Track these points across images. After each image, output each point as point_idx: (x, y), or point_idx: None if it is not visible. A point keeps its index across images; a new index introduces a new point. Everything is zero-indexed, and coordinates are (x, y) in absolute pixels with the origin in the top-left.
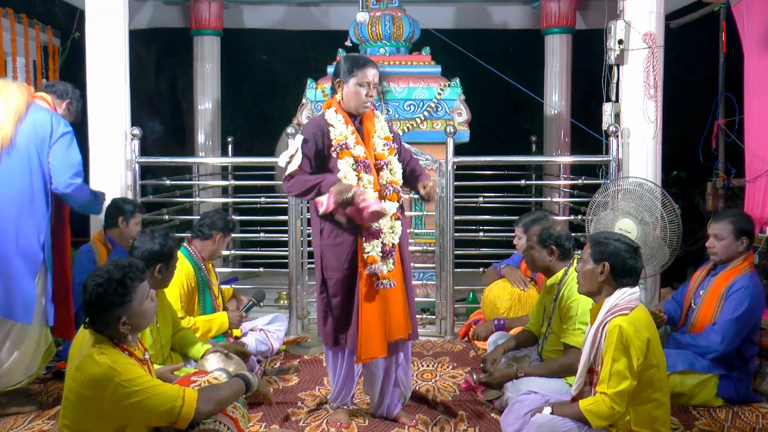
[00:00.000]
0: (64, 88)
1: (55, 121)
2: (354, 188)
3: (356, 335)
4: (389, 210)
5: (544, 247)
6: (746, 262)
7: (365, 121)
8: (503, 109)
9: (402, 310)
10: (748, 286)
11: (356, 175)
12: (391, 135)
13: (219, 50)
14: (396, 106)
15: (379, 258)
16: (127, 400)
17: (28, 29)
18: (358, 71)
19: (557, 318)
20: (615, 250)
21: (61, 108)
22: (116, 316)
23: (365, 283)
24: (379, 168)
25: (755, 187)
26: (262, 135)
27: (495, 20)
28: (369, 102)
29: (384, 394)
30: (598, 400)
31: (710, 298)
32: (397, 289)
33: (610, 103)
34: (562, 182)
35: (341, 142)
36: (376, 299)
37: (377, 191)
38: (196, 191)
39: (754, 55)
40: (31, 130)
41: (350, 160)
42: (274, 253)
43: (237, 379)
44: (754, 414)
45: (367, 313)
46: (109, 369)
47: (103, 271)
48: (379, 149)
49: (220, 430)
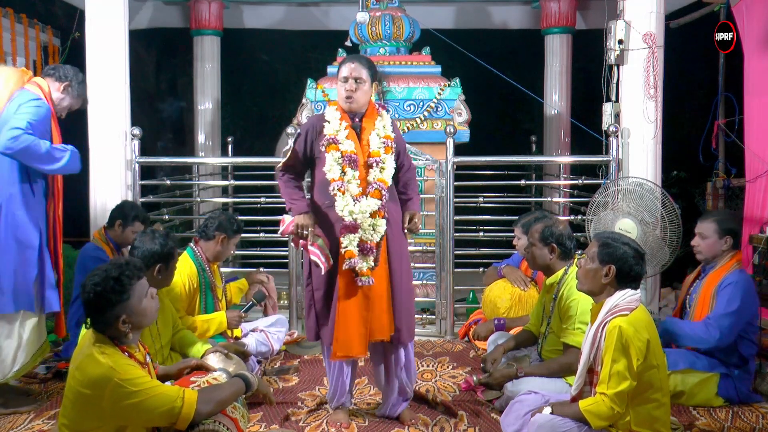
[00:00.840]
0: (63, 72)
1: (25, 98)
2: (311, 230)
3: (332, 330)
4: (325, 267)
5: (546, 244)
6: (733, 260)
7: (365, 119)
8: (503, 109)
9: (385, 311)
10: (738, 280)
11: (341, 169)
12: (392, 135)
13: (219, 50)
14: (396, 106)
15: (356, 253)
16: (126, 400)
17: (28, 29)
18: (340, 69)
19: (557, 317)
20: (623, 255)
21: (58, 90)
22: (115, 315)
23: (344, 279)
24: (369, 165)
25: (755, 187)
26: (262, 135)
27: (495, 20)
28: (353, 96)
29: (387, 392)
30: (598, 401)
31: (702, 299)
32: (380, 289)
33: (610, 103)
34: (562, 182)
35: (331, 137)
36: (357, 296)
37: (361, 187)
38: (196, 191)
39: (754, 55)
40: (10, 112)
41: (337, 154)
42: (274, 253)
43: (237, 379)
44: (754, 414)
45: (344, 308)
46: (108, 369)
47: (100, 271)
48: (374, 147)
49: (220, 430)
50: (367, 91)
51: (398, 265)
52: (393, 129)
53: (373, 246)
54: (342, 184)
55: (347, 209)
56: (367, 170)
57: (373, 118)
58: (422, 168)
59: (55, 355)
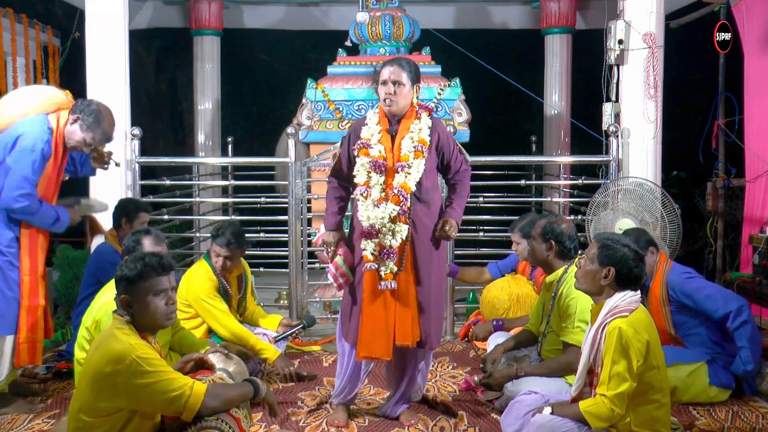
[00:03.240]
0: (77, 105)
1: (26, 131)
2: (332, 248)
3: (357, 330)
4: (337, 285)
5: (545, 240)
6: (662, 263)
7: (403, 121)
8: (503, 109)
9: (410, 317)
10: (688, 276)
11: (367, 174)
12: (428, 139)
13: (219, 50)
14: None
15: (371, 257)
16: (140, 378)
17: (28, 29)
18: (381, 71)
19: (556, 316)
20: (623, 258)
21: (70, 123)
22: (122, 290)
23: (368, 282)
24: (395, 170)
25: (755, 187)
26: (262, 135)
27: (495, 20)
28: (392, 100)
29: (393, 392)
30: (598, 402)
31: (655, 309)
32: (405, 294)
33: (610, 103)
34: (562, 182)
35: (365, 141)
36: (380, 300)
37: (385, 192)
38: (196, 191)
39: (754, 55)
40: (9, 137)
41: (366, 159)
42: (274, 253)
43: (247, 383)
44: (754, 414)
45: (369, 311)
46: (128, 345)
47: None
48: (404, 151)
49: (222, 428)
50: (407, 94)
51: (426, 271)
52: (435, 131)
53: (393, 251)
54: (366, 189)
55: (365, 214)
56: (393, 175)
57: (410, 120)
58: None
59: (57, 354)
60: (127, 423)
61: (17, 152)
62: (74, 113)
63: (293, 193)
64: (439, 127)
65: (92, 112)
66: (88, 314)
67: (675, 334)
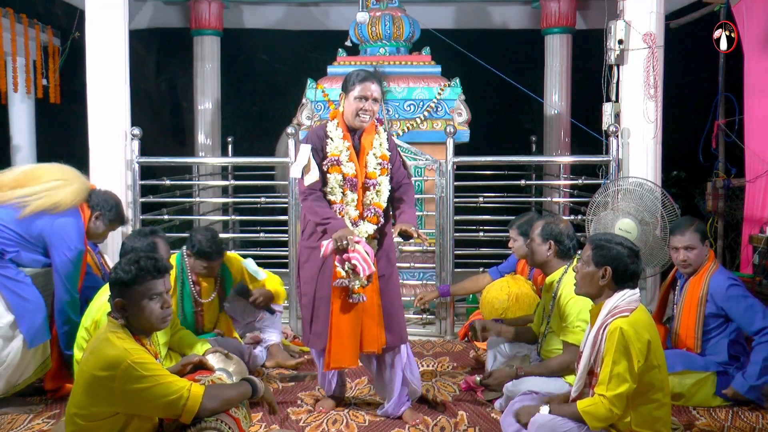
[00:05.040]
0: (96, 201)
1: (67, 243)
2: (350, 237)
3: (325, 339)
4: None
5: (544, 241)
6: (710, 261)
7: (364, 136)
8: (503, 109)
9: (376, 324)
10: (732, 284)
11: (342, 191)
12: (388, 153)
13: (219, 50)
14: (396, 106)
15: (343, 274)
16: (136, 383)
17: (28, 29)
18: (358, 85)
19: (556, 316)
20: (617, 255)
21: (94, 222)
22: (117, 293)
23: (338, 295)
24: (366, 187)
25: (755, 187)
26: (262, 135)
27: (495, 20)
28: (367, 116)
29: (389, 395)
30: (596, 402)
31: (688, 306)
32: (372, 305)
33: (610, 103)
34: (562, 182)
35: (334, 158)
36: (350, 312)
37: (358, 210)
38: (196, 191)
39: (754, 55)
40: (48, 224)
41: (339, 176)
42: (274, 253)
43: (245, 383)
44: (754, 414)
45: (338, 323)
46: (123, 350)
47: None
48: (371, 168)
49: (222, 429)
50: (377, 110)
51: (386, 277)
52: (388, 144)
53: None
54: (342, 207)
55: None
56: (363, 192)
57: (372, 135)
58: (422, 168)
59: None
60: (126, 425)
61: (65, 262)
62: (94, 210)
63: (293, 193)
64: (390, 140)
65: (111, 207)
66: (87, 315)
67: (700, 337)
